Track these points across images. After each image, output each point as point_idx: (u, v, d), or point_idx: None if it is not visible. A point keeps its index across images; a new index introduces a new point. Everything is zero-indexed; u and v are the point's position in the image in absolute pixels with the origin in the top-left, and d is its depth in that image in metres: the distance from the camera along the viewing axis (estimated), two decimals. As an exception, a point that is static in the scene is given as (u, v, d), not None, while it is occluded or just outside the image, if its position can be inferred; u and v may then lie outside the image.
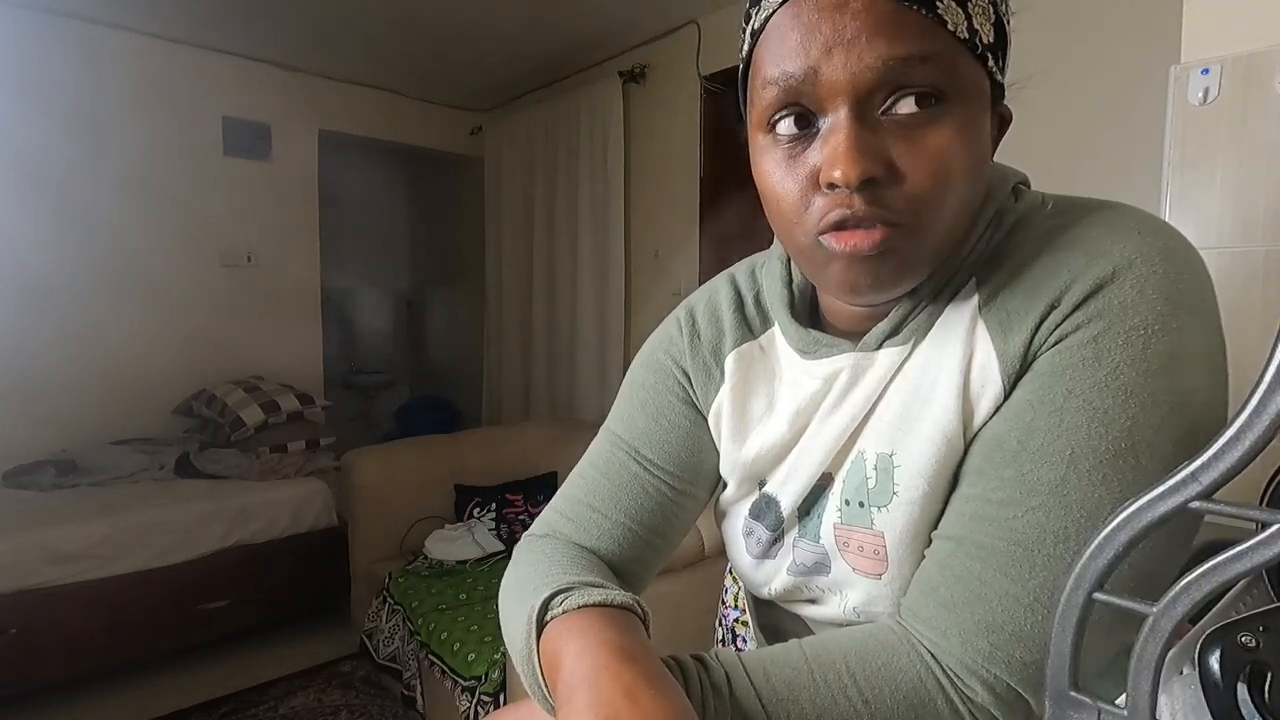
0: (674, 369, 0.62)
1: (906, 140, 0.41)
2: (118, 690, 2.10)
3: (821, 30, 0.40)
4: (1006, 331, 0.44)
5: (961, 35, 0.41)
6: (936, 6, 0.40)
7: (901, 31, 0.40)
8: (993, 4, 0.43)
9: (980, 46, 0.42)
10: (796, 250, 0.47)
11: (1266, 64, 0.95)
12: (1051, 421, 0.42)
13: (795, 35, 0.41)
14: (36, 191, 2.61)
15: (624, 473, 0.60)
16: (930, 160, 0.41)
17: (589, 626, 0.43)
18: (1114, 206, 0.46)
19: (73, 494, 2.33)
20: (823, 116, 0.42)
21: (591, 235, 3.03)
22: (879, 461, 0.49)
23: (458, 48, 2.95)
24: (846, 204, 0.42)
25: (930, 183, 0.41)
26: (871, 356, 0.50)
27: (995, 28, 0.43)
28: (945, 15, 0.40)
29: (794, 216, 0.45)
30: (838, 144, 0.41)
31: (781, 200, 0.45)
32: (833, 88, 0.41)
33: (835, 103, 0.41)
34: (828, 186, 0.42)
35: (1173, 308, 0.41)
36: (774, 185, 0.45)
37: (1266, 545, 0.23)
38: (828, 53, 0.40)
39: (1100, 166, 1.68)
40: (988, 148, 0.45)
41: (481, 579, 2.00)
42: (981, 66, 0.43)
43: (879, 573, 0.50)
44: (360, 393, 4.37)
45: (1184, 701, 0.31)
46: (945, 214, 0.43)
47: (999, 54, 0.44)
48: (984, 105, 0.44)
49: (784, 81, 0.42)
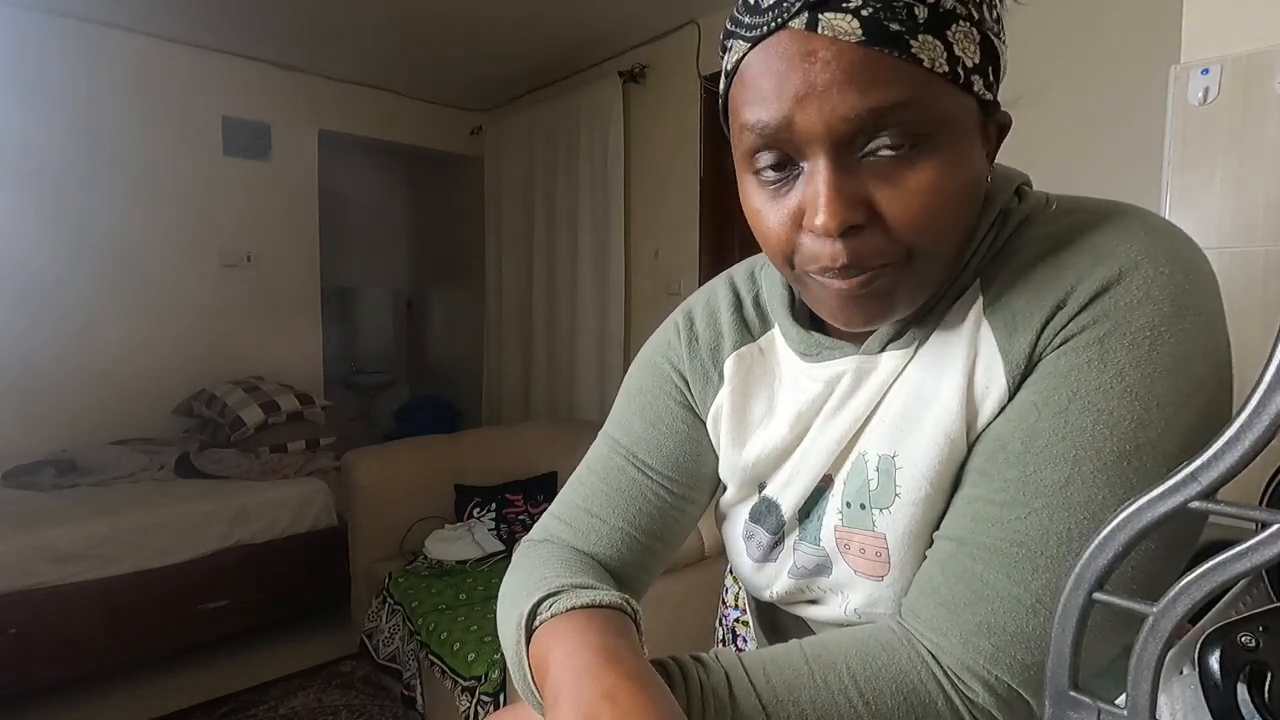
0: (671, 373, 0.61)
1: (888, 182, 0.40)
2: (117, 690, 2.10)
3: (792, 79, 0.39)
4: (1011, 332, 0.44)
5: (940, 70, 0.39)
6: (910, 46, 0.38)
7: (874, 80, 0.38)
8: (977, 25, 0.40)
9: (964, 75, 0.40)
10: (790, 278, 0.48)
11: (1266, 64, 0.96)
12: (1056, 423, 0.41)
13: (768, 83, 0.40)
14: (36, 191, 2.61)
15: (622, 478, 0.60)
16: (914, 200, 0.40)
17: (575, 630, 0.42)
18: (1120, 208, 0.46)
19: (73, 494, 2.33)
20: (803, 160, 0.42)
21: (591, 235, 3.03)
22: (881, 463, 0.49)
23: (457, 48, 2.95)
24: (832, 252, 0.42)
25: (915, 223, 0.41)
26: (875, 359, 0.50)
27: (981, 46, 0.41)
28: (920, 54, 0.38)
29: (781, 254, 0.45)
30: (817, 192, 0.40)
31: (768, 238, 0.45)
32: (809, 136, 0.40)
33: (813, 149, 0.40)
34: (810, 230, 0.42)
35: (1179, 309, 0.40)
36: (761, 223, 0.45)
37: (1266, 545, 0.23)
38: (800, 102, 0.39)
39: (1100, 166, 1.68)
40: (980, 168, 0.44)
41: (481, 579, 2.00)
42: (967, 93, 0.41)
43: (881, 574, 0.49)
44: (360, 393, 4.37)
45: (1184, 701, 0.31)
46: (936, 246, 0.43)
47: (989, 71, 0.42)
48: (971, 131, 0.42)
49: (760, 129, 0.41)
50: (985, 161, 0.45)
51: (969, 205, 0.44)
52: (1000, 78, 0.44)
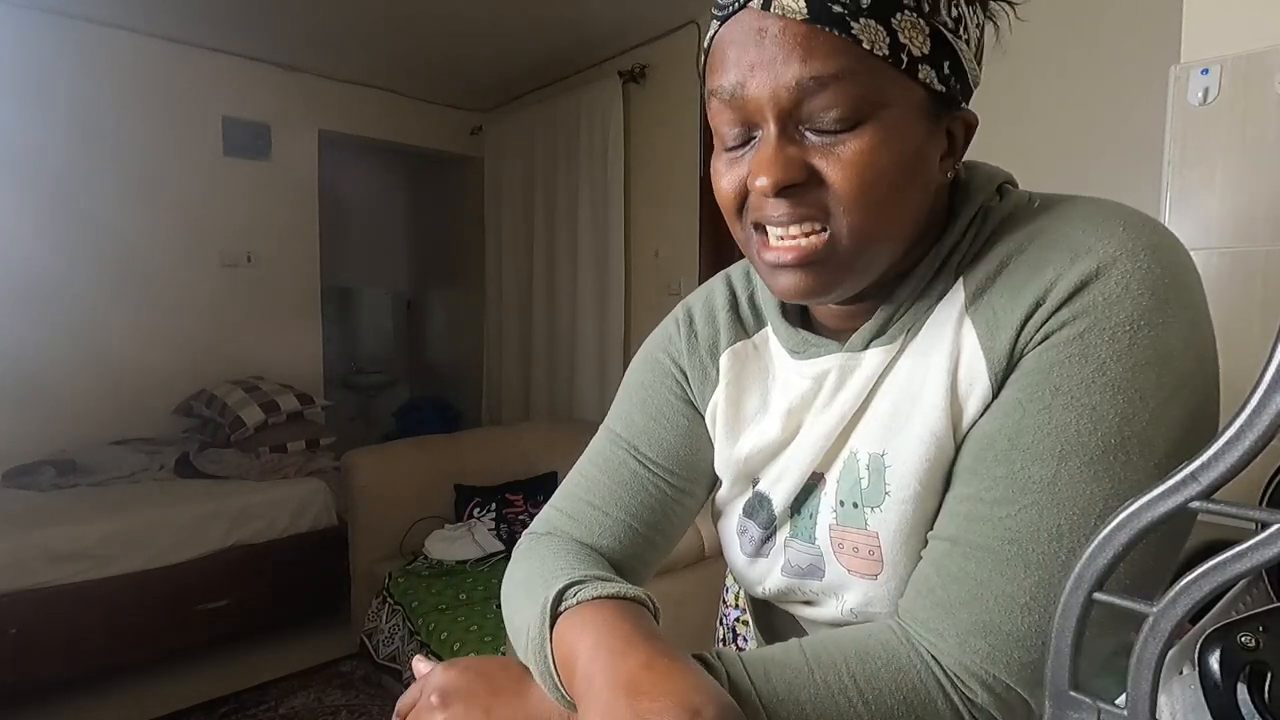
0: (672, 368, 0.63)
1: (827, 151, 0.44)
2: (118, 690, 2.10)
3: (748, 50, 0.44)
4: (993, 330, 0.45)
5: (879, 52, 0.42)
6: (851, 27, 0.41)
7: (814, 52, 0.42)
8: (926, 18, 0.43)
9: (907, 60, 0.42)
10: (741, 244, 0.51)
11: (1266, 64, 0.95)
12: (1041, 419, 0.42)
13: (731, 53, 0.45)
14: (36, 192, 2.61)
15: (624, 470, 0.61)
16: (849, 167, 0.43)
17: (604, 618, 0.43)
18: (1098, 203, 0.46)
19: (73, 494, 2.33)
20: (756, 130, 0.46)
21: (591, 235, 3.03)
22: (871, 461, 0.49)
23: (458, 47, 2.95)
24: (772, 207, 0.45)
25: (849, 186, 0.43)
26: (858, 356, 0.51)
27: (932, 38, 0.43)
28: (860, 35, 0.41)
29: (733, 212, 0.49)
30: (762, 153, 0.45)
31: (723, 197, 0.49)
32: (758, 103, 0.44)
33: (763, 114, 0.44)
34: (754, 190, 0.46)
35: (1158, 302, 0.41)
36: (718, 184, 0.49)
37: (1266, 545, 0.23)
38: (751, 71, 0.44)
39: (1100, 166, 1.68)
40: (926, 155, 0.46)
41: (481, 579, 2.00)
42: (910, 79, 0.43)
43: (874, 573, 0.50)
44: (360, 393, 4.37)
45: (1184, 701, 0.31)
46: (878, 218, 0.45)
47: (942, 65, 0.44)
48: (915, 114, 0.44)
49: (720, 94, 0.46)
50: (935, 151, 0.47)
51: (908, 188, 0.45)
52: (963, 75, 0.46)
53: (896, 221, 0.46)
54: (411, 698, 0.48)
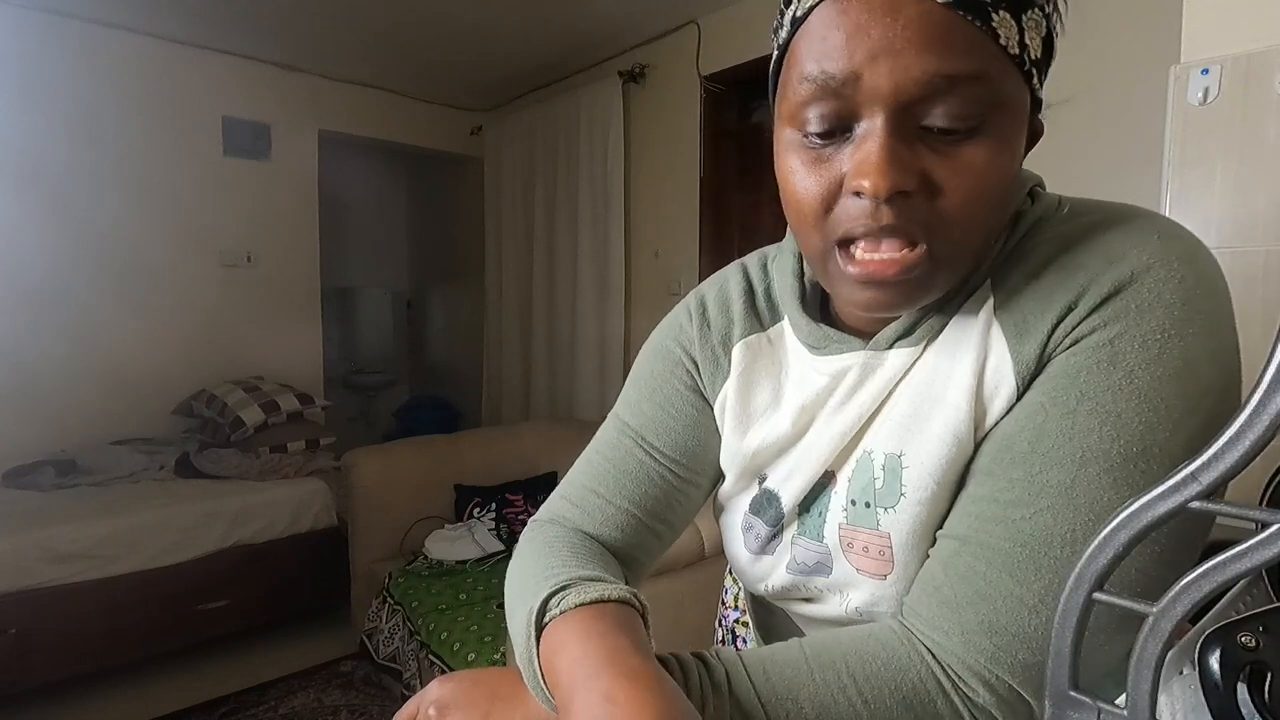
0: (683, 357, 0.61)
1: (943, 156, 0.40)
2: (118, 690, 2.10)
3: (870, 33, 0.38)
4: (1022, 335, 0.44)
5: (1012, 51, 0.39)
6: (992, 19, 0.38)
7: (953, 45, 0.38)
8: (1046, 17, 0.41)
9: (1028, 62, 0.40)
10: (811, 253, 0.46)
11: (1266, 64, 0.96)
12: (1064, 424, 0.41)
13: (840, 34, 0.39)
14: (36, 192, 2.61)
15: (630, 459, 0.60)
16: (967, 177, 0.40)
17: (585, 628, 0.42)
18: (1133, 211, 0.45)
19: (73, 494, 2.33)
20: (857, 122, 0.41)
21: (591, 235, 3.03)
22: (887, 462, 0.49)
23: (457, 48, 2.95)
24: (873, 216, 0.40)
25: (965, 201, 0.40)
26: (882, 356, 0.50)
27: (1045, 42, 0.41)
28: (999, 29, 0.38)
29: (813, 219, 0.44)
30: (870, 152, 0.39)
31: (802, 201, 0.44)
32: (873, 95, 0.39)
33: (873, 109, 0.39)
34: (854, 195, 0.41)
35: (1189, 313, 0.40)
36: (796, 184, 0.44)
37: (1266, 545, 0.23)
38: (873, 58, 0.38)
39: (1100, 166, 1.68)
40: (1020, 166, 0.44)
41: (481, 579, 2.00)
42: (1026, 84, 0.41)
43: (884, 573, 0.49)
44: (360, 393, 4.37)
45: (1184, 701, 0.31)
46: (975, 236, 0.42)
47: (1045, 69, 0.42)
48: (1023, 123, 0.42)
49: (822, 80, 0.40)
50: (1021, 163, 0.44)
51: (1006, 204, 0.43)
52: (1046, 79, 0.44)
53: (988, 239, 0.44)
54: (409, 712, 0.47)
